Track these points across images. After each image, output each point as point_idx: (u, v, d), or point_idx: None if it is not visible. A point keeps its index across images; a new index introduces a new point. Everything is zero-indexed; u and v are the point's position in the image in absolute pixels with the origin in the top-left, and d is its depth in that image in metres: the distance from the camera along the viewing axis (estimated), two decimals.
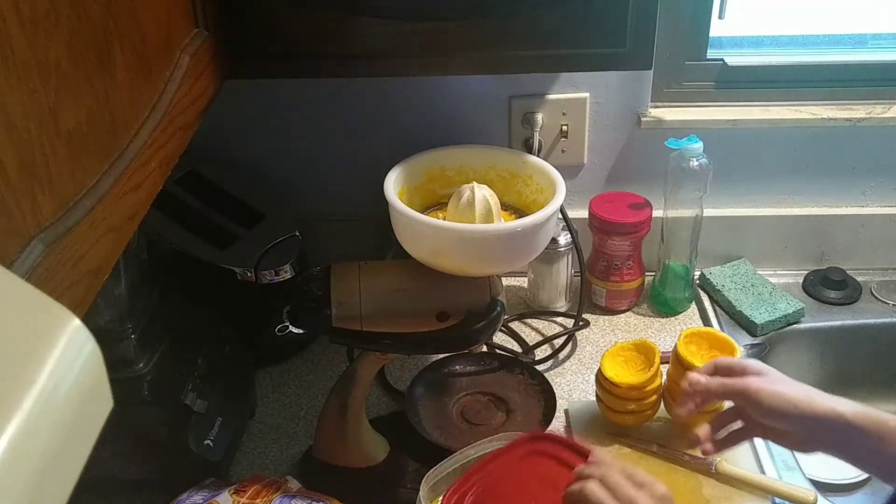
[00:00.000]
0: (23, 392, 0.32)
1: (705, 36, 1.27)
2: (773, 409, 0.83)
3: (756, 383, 0.84)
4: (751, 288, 1.32)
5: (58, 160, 0.53)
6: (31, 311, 0.35)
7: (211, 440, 0.99)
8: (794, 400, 0.82)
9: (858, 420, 0.79)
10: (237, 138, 1.30)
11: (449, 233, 0.90)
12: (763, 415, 0.84)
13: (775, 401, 0.83)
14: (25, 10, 0.49)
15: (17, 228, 0.48)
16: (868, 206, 1.36)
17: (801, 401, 0.82)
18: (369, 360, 0.98)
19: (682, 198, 1.24)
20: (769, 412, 0.83)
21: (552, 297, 1.33)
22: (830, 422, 0.80)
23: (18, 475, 0.30)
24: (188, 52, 0.78)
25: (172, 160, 0.73)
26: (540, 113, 1.28)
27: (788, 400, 0.82)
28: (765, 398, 0.83)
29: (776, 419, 0.84)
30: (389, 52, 0.92)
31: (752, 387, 0.84)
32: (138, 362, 0.98)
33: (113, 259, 0.60)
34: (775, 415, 0.83)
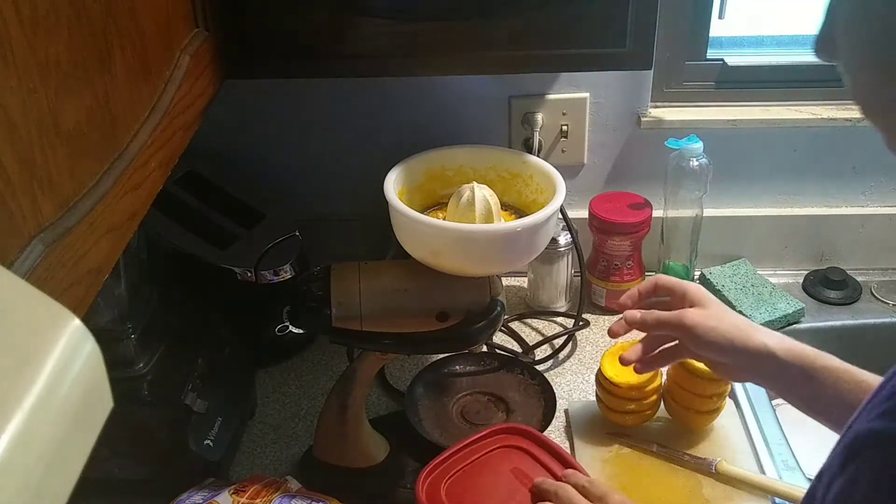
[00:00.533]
0: (23, 392, 0.32)
1: (705, 36, 1.27)
2: (708, 343, 0.85)
3: (692, 317, 0.86)
4: (751, 288, 1.33)
5: (58, 160, 0.53)
6: (31, 311, 0.35)
7: (211, 440, 0.99)
8: (729, 335, 0.84)
9: (788, 357, 0.82)
10: (237, 138, 1.30)
11: (449, 233, 0.90)
12: (698, 348, 0.87)
13: (710, 335, 0.85)
14: (25, 9, 0.49)
15: (16, 228, 0.48)
16: (868, 206, 1.36)
17: (735, 337, 0.84)
18: (369, 360, 0.98)
19: (682, 198, 1.24)
20: (704, 346, 0.86)
21: (552, 297, 1.33)
22: (762, 358, 0.83)
23: (18, 475, 0.31)
24: (188, 52, 0.78)
25: (172, 160, 0.73)
26: (540, 113, 1.28)
27: (723, 335, 0.84)
28: (700, 333, 0.85)
29: (711, 352, 0.86)
30: (389, 52, 0.92)
31: (688, 321, 0.86)
32: (138, 362, 0.98)
33: (113, 259, 0.60)
34: (710, 349, 0.86)
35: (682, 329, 0.87)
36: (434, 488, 0.87)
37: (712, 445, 1.06)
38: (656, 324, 0.90)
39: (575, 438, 1.09)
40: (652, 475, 1.03)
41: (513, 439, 0.94)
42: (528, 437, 0.94)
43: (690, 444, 1.06)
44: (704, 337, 0.85)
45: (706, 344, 0.86)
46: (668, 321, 0.88)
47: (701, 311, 0.87)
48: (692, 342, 0.87)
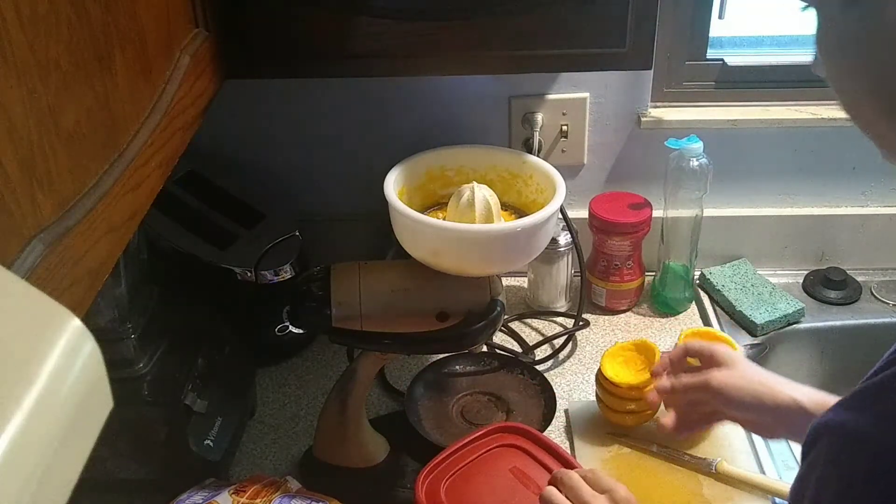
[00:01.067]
0: (23, 392, 0.32)
1: (705, 36, 1.27)
2: (737, 403, 0.86)
3: (717, 379, 0.87)
4: (751, 288, 1.32)
5: (57, 160, 0.53)
6: (31, 311, 0.35)
7: (211, 440, 0.99)
8: (757, 393, 0.85)
9: (818, 409, 0.81)
10: (237, 138, 1.30)
11: (449, 233, 0.90)
12: (728, 408, 0.87)
13: (737, 395, 0.86)
14: (25, 9, 0.49)
15: (16, 228, 0.48)
16: (868, 206, 1.35)
17: (763, 394, 0.85)
18: (369, 360, 0.98)
19: (682, 198, 1.24)
20: (735, 406, 0.87)
21: (552, 297, 1.33)
22: (792, 413, 0.83)
23: (18, 475, 0.30)
24: (188, 52, 0.78)
25: (172, 160, 0.73)
26: (540, 113, 1.28)
27: (750, 393, 0.85)
28: (727, 393, 0.86)
29: (741, 411, 0.87)
30: (390, 52, 0.92)
31: (714, 383, 0.87)
32: (138, 362, 0.98)
33: (113, 259, 0.60)
34: (740, 408, 0.86)
35: (710, 391, 0.87)
36: (433, 488, 0.87)
37: (712, 445, 1.06)
38: (685, 390, 0.91)
39: (575, 438, 1.09)
40: (652, 475, 1.03)
41: (511, 438, 0.94)
42: (527, 437, 0.94)
43: (690, 444, 1.06)
44: (732, 397, 0.86)
45: (735, 404, 0.86)
46: (696, 385, 0.89)
47: (726, 371, 0.88)
48: (722, 403, 0.87)
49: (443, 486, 0.88)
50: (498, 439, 0.94)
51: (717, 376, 0.88)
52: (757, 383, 0.86)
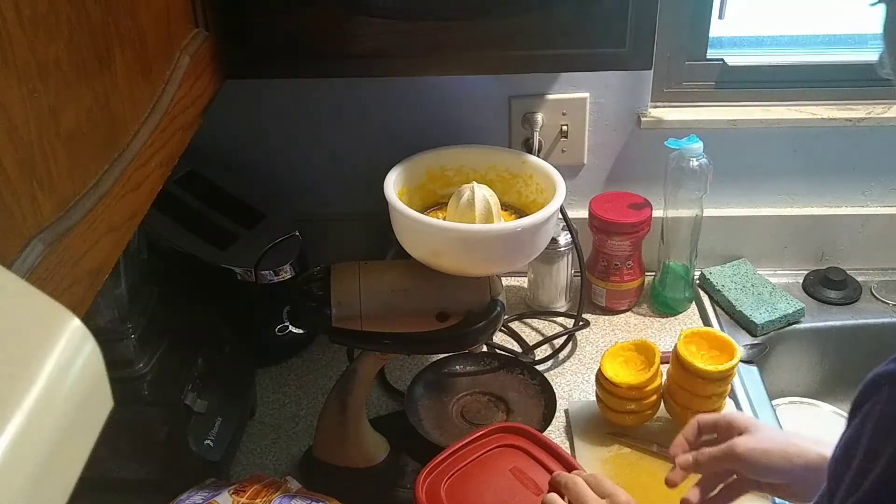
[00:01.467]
0: (23, 392, 0.32)
1: (705, 36, 1.27)
2: (766, 468, 0.81)
3: (743, 446, 0.82)
4: (751, 288, 1.32)
5: (57, 160, 0.53)
6: (31, 311, 0.35)
7: (211, 440, 0.99)
8: (786, 454, 0.80)
9: None
10: (237, 138, 1.30)
11: (449, 233, 0.90)
12: (758, 474, 0.82)
13: (766, 459, 0.80)
14: (25, 9, 0.49)
15: (16, 228, 0.48)
16: (868, 205, 1.35)
17: (792, 454, 0.80)
18: (369, 360, 0.98)
19: (682, 198, 1.24)
20: (763, 471, 0.81)
21: (552, 297, 1.33)
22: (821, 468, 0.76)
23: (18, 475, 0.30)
24: (188, 52, 0.78)
25: (172, 160, 0.73)
26: (540, 113, 1.28)
27: (780, 455, 0.80)
28: (755, 459, 0.81)
29: (771, 476, 0.82)
30: (389, 52, 0.92)
31: (740, 450, 0.82)
32: (138, 362, 0.98)
33: (113, 259, 0.60)
34: (769, 473, 0.81)
35: (736, 460, 0.82)
36: (433, 488, 0.87)
37: None
38: (710, 461, 0.85)
39: (575, 438, 1.09)
40: (652, 475, 1.03)
41: (512, 439, 0.94)
42: (527, 437, 0.94)
43: None
44: (760, 462, 0.80)
45: (764, 469, 0.81)
46: (721, 455, 0.83)
47: (750, 437, 0.83)
48: (750, 470, 0.82)
49: (443, 486, 0.88)
50: (498, 440, 0.94)
51: (741, 442, 0.82)
52: (783, 443, 0.81)
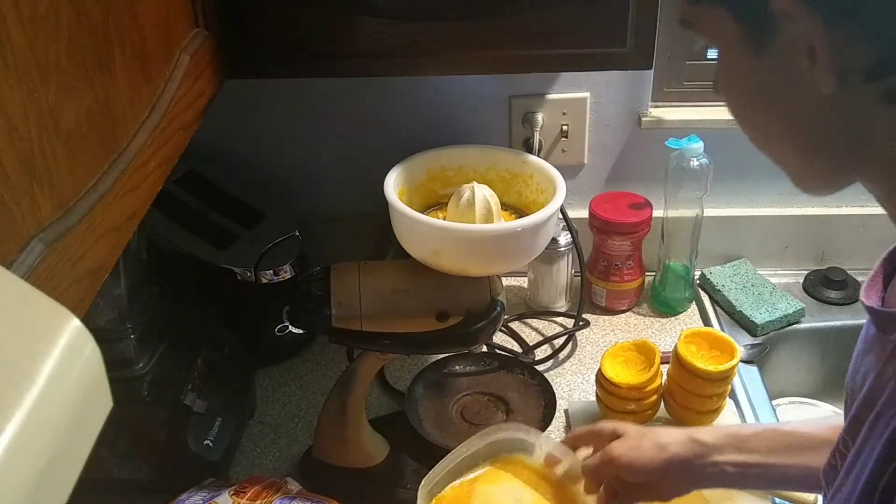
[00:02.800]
0: (23, 392, 0.32)
1: None
2: (642, 465, 0.80)
3: (618, 447, 0.82)
4: (751, 288, 1.32)
5: (57, 160, 0.53)
6: (31, 311, 0.35)
7: (211, 440, 0.99)
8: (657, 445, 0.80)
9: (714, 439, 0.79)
10: (237, 138, 1.30)
11: (449, 233, 0.90)
12: (637, 475, 0.81)
13: (641, 456, 0.80)
14: (25, 9, 0.49)
15: (16, 228, 0.48)
16: (868, 205, 1.35)
17: (662, 443, 0.80)
18: (369, 360, 0.98)
19: (683, 198, 1.24)
20: (641, 470, 0.80)
21: (552, 297, 1.33)
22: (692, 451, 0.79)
23: (18, 475, 0.30)
24: (188, 51, 0.78)
25: (172, 160, 0.73)
26: (540, 113, 1.28)
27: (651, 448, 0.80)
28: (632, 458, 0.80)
29: (650, 474, 0.80)
30: (390, 52, 0.92)
31: (616, 453, 0.81)
32: (138, 362, 0.98)
33: (113, 259, 0.60)
34: (647, 470, 0.80)
35: (615, 464, 0.81)
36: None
37: None
38: (592, 471, 0.83)
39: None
40: None
41: None
42: None
43: None
44: (637, 460, 0.80)
45: (641, 468, 0.80)
46: (600, 462, 0.82)
47: (623, 440, 0.83)
48: (629, 473, 0.81)
49: None
50: None
51: (617, 446, 0.82)
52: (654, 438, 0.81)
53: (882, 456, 0.52)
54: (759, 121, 0.58)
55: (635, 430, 0.84)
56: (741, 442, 0.79)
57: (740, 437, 0.80)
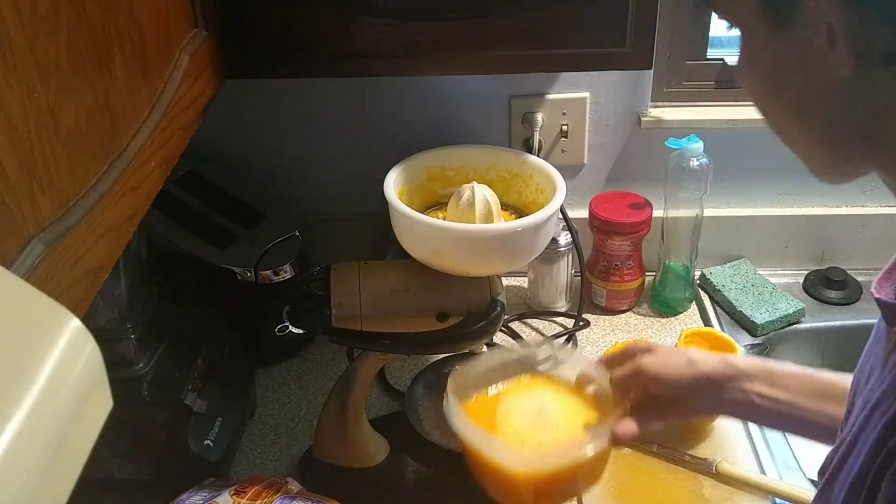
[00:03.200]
0: (23, 392, 0.32)
1: (705, 35, 1.27)
2: (670, 378, 0.81)
3: (649, 359, 0.83)
4: (751, 288, 1.32)
5: (57, 160, 0.53)
6: (31, 311, 0.35)
7: (211, 440, 0.99)
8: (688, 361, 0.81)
9: (747, 366, 0.80)
10: (237, 138, 1.30)
11: (449, 233, 0.90)
12: (664, 387, 0.82)
13: (670, 369, 0.81)
14: (25, 9, 0.49)
15: (16, 228, 0.48)
16: (868, 205, 1.35)
17: (693, 360, 0.81)
18: (369, 360, 0.98)
19: (683, 198, 1.24)
20: (668, 383, 0.81)
21: (552, 297, 1.33)
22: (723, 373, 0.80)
23: (18, 475, 0.30)
24: (188, 51, 0.78)
25: (172, 160, 0.73)
26: (540, 113, 1.28)
27: (681, 363, 0.81)
28: (660, 370, 0.81)
29: (677, 388, 0.82)
30: (389, 52, 0.92)
31: (646, 362, 0.82)
32: (138, 362, 0.98)
33: (113, 259, 0.60)
34: (674, 383, 0.81)
35: (643, 374, 0.82)
36: None
37: (712, 445, 1.06)
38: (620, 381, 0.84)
39: None
40: (652, 475, 1.03)
41: None
42: None
43: (690, 445, 1.06)
44: (665, 372, 0.81)
45: (668, 379, 0.81)
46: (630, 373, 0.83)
47: (654, 353, 0.84)
48: (656, 384, 0.82)
49: None
50: None
51: (645, 358, 0.83)
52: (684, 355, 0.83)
53: (875, 443, 0.52)
54: (779, 104, 0.58)
55: (668, 347, 0.85)
56: (774, 376, 0.79)
57: (774, 372, 0.79)
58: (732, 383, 0.79)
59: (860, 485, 0.53)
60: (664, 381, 0.81)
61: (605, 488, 1.01)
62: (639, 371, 0.82)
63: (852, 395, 0.64)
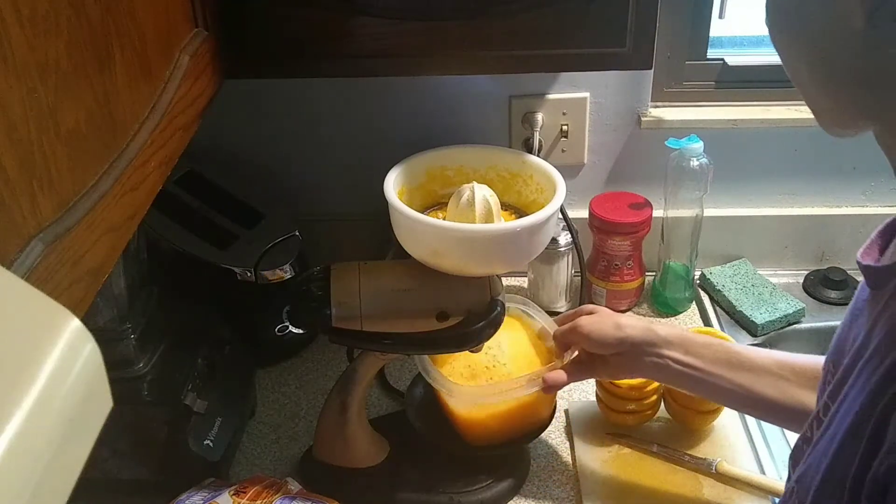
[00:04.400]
0: (23, 392, 0.32)
1: (706, 35, 1.27)
2: (598, 338, 0.92)
3: (583, 320, 0.95)
4: (751, 288, 1.32)
5: (57, 160, 0.53)
6: (31, 311, 0.35)
7: (211, 440, 0.99)
8: (616, 325, 0.92)
9: (667, 334, 0.91)
10: (237, 138, 1.30)
11: (449, 233, 0.90)
12: (593, 346, 0.94)
13: (600, 330, 0.93)
14: (25, 9, 0.49)
15: (16, 228, 0.48)
16: (868, 205, 1.35)
17: (621, 324, 0.92)
18: (369, 360, 0.98)
19: (683, 198, 1.24)
20: (596, 342, 0.93)
21: (552, 297, 1.33)
22: (643, 338, 0.91)
23: (18, 475, 0.30)
24: (188, 51, 0.78)
25: (172, 160, 0.73)
26: (540, 113, 1.28)
27: (610, 326, 0.93)
28: (592, 329, 0.93)
29: (604, 347, 0.93)
30: (389, 52, 0.92)
31: (580, 324, 0.95)
32: (138, 362, 0.98)
33: (112, 259, 0.60)
34: (601, 343, 0.93)
35: (575, 332, 0.95)
36: None
37: (712, 445, 1.06)
38: (560, 337, 0.99)
39: (575, 438, 1.09)
40: (652, 475, 1.03)
41: None
42: None
43: (690, 445, 1.06)
44: (594, 332, 0.93)
45: (597, 339, 0.92)
46: (567, 330, 0.97)
47: (593, 315, 0.96)
48: (586, 342, 0.94)
49: None
50: None
51: (584, 319, 0.95)
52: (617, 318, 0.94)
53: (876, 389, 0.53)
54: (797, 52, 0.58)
55: (606, 311, 0.98)
56: (690, 346, 0.91)
57: (690, 341, 0.91)
58: (652, 348, 0.91)
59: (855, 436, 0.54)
60: (593, 341, 0.93)
61: (606, 488, 1.01)
62: (574, 329, 0.95)
63: (822, 382, 0.66)
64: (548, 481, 1.05)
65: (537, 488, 1.04)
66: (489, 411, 1.00)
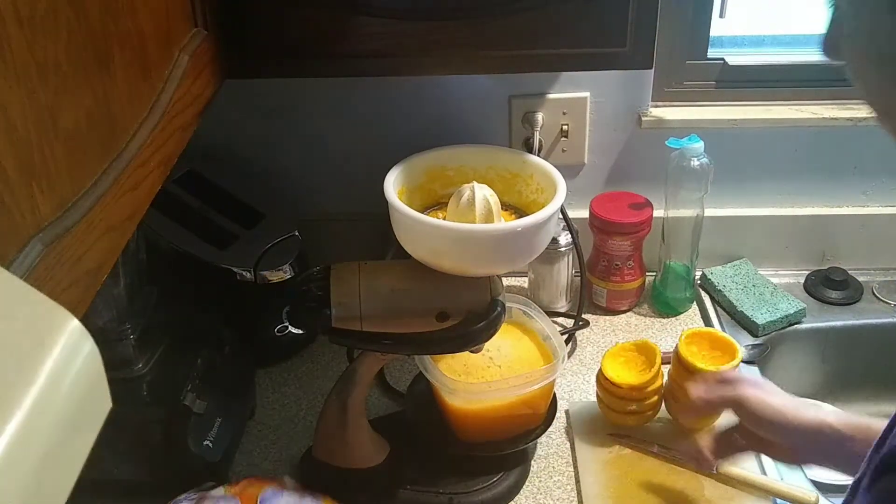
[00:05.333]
0: (22, 392, 0.32)
1: (706, 35, 1.27)
2: (761, 417, 0.85)
3: (748, 392, 0.87)
4: (752, 288, 1.32)
5: (56, 160, 0.53)
6: (30, 311, 0.35)
7: (210, 441, 0.99)
8: (782, 409, 0.85)
9: (844, 427, 0.81)
10: (237, 138, 1.30)
11: (449, 233, 0.90)
12: (753, 423, 0.87)
13: (762, 408, 0.85)
14: (24, 10, 0.49)
15: (15, 228, 0.48)
16: (869, 205, 1.35)
17: (788, 410, 0.85)
18: (369, 361, 0.98)
19: (683, 198, 1.24)
20: (758, 421, 0.86)
21: (552, 297, 1.33)
22: (816, 431, 0.82)
23: (18, 475, 0.30)
24: (187, 51, 0.78)
25: (171, 160, 0.73)
26: (540, 112, 1.27)
27: (776, 408, 0.85)
28: (754, 406, 0.86)
29: (765, 428, 0.86)
30: (389, 52, 0.92)
31: (744, 395, 0.87)
32: (137, 363, 0.98)
33: (112, 259, 0.60)
34: (764, 424, 0.86)
35: (739, 403, 0.87)
36: None
37: None
38: (718, 399, 0.91)
39: (575, 439, 1.09)
40: (653, 476, 1.03)
41: None
42: None
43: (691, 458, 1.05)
44: (758, 410, 0.85)
45: (759, 419, 0.86)
46: (729, 398, 0.89)
47: (758, 388, 0.88)
48: (747, 418, 0.87)
49: None
50: None
51: (748, 390, 0.88)
52: (785, 400, 0.86)
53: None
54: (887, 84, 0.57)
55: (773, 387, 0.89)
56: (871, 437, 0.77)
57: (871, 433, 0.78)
58: None
59: None
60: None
61: (606, 488, 1.01)
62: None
63: None
64: (548, 481, 1.05)
65: (537, 488, 1.04)
66: (488, 410, 1.00)
